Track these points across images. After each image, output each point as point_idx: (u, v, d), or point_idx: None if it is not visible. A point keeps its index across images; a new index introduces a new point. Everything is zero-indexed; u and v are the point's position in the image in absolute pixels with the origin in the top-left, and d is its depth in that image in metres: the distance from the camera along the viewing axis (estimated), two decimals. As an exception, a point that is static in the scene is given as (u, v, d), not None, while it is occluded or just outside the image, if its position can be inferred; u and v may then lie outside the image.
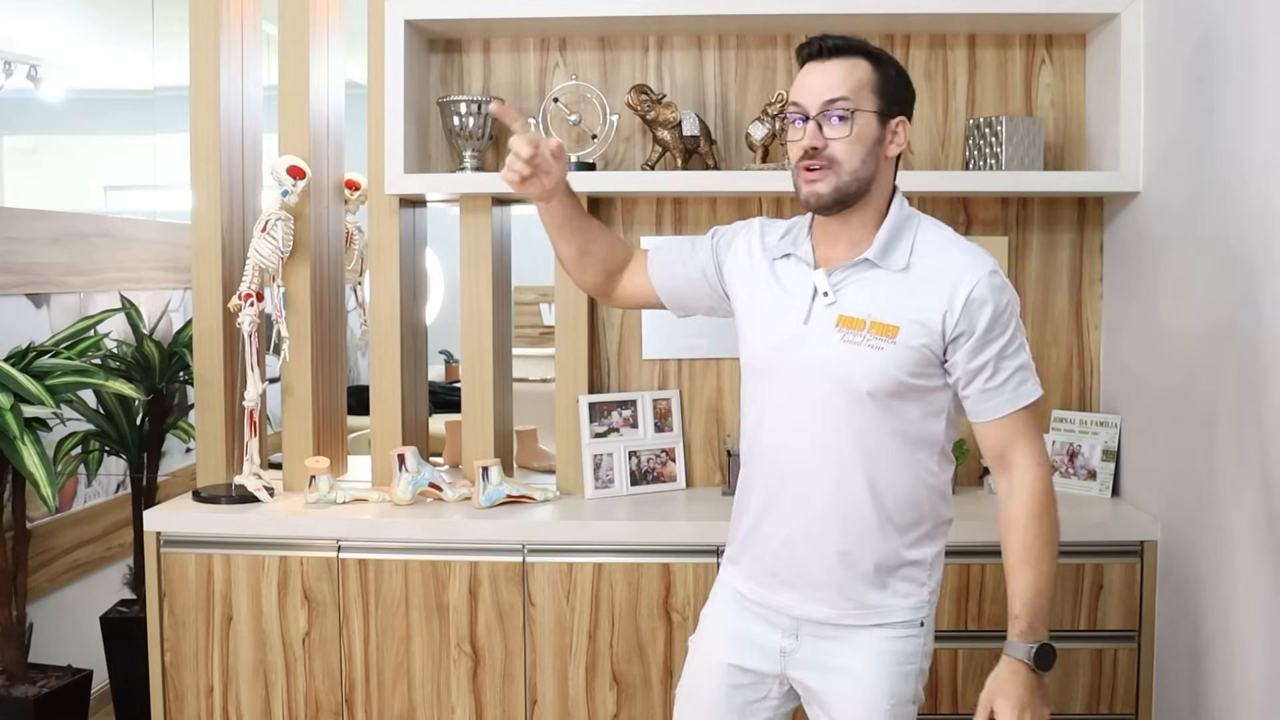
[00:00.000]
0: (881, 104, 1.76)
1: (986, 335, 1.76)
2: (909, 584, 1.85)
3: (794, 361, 1.83)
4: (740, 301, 1.95)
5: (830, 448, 1.81)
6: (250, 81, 3.05)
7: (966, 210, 2.99)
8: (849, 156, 1.75)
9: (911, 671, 1.84)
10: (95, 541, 3.65)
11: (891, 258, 1.80)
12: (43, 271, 3.40)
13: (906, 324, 1.76)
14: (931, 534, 1.88)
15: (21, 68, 3.99)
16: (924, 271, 1.78)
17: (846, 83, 1.74)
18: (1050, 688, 1.86)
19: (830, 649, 1.85)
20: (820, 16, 2.80)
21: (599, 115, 2.92)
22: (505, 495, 2.78)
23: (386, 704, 2.68)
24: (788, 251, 1.90)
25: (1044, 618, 1.79)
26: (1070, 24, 2.86)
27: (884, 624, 1.83)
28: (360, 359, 4.85)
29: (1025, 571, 1.79)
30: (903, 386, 1.77)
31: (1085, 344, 3.01)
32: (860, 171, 1.76)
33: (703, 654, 1.96)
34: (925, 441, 1.83)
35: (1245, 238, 2.20)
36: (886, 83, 1.77)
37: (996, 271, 1.78)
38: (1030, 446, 1.81)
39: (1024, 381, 1.79)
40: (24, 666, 3.04)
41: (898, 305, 1.77)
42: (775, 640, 1.88)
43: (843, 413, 1.79)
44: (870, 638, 1.83)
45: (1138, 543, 2.62)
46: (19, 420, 2.74)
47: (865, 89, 1.75)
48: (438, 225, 3.28)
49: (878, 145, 1.77)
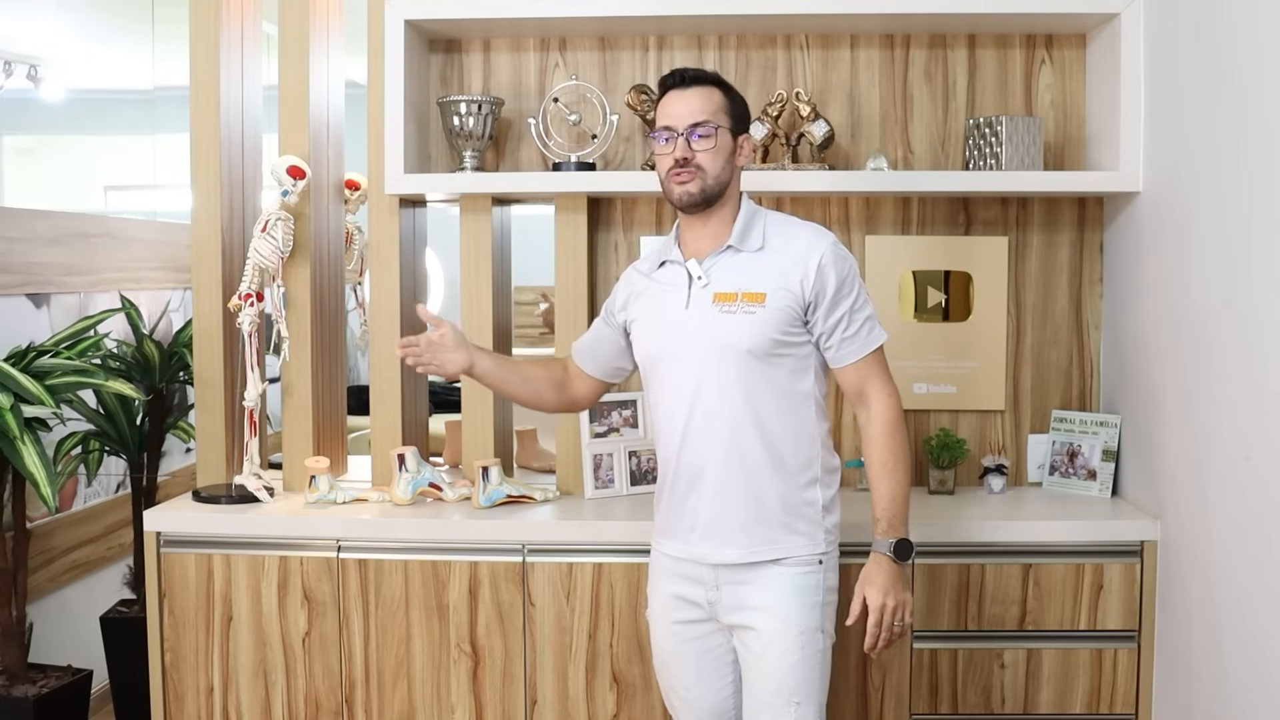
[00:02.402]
0: (732, 123, 2.17)
1: (838, 294, 2.13)
2: (806, 523, 2.16)
3: (681, 339, 2.17)
4: (634, 323, 2.30)
5: (724, 407, 2.13)
6: (250, 81, 3.05)
7: (966, 210, 3.00)
8: (712, 164, 2.14)
9: (815, 603, 2.15)
10: (95, 541, 3.65)
11: (748, 241, 2.18)
12: (43, 271, 3.40)
13: (772, 290, 2.13)
14: (823, 479, 2.19)
15: (21, 68, 3.99)
16: (778, 249, 2.17)
17: (707, 107, 2.14)
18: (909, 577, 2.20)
19: (745, 592, 2.15)
20: (820, 16, 2.80)
21: (599, 115, 2.92)
22: (505, 495, 2.78)
23: (386, 704, 2.68)
24: (663, 260, 2.25)
25: (902, 519, 2.15)
26: (1070, 24, 2.86)
27: (787, 561, 2.14)
28: (360, 359, 4.85)
29: (884, 483, 2.15)
30: (775, 344, 2.12)
31: (1085, 344, 3.01)
32: (720, 176, 2.15)
33: (654, 621, 2.29)
34: (800, 395, 2.16)
35: (1245, 238, 2.20)
36: (734, 106, 2.19)
37: (837, 243, 2.18)
38: (881, 381, 2.19)
39: (872, 329, 2.18)
40: (24, 666, 3.04)
41: (761, 277, 2.14)
42: (701, 594, 2.19)
43: (730, 374, 2.13)
44: (775, 576, 2.14)
45: (1138, 543, 2.62)
46: (19, 420, 2.74)
47: (720, 111, 2.16)
48: (438, 225, 3.28)
49: (732, 156, 2.17)
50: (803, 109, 2.83)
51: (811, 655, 2.12)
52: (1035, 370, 3.01)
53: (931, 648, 2.65)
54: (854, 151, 2.98)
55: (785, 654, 2.11)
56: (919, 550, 2.61)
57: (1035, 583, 2.63)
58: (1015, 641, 2.64)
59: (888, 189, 2.82)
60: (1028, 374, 3.01)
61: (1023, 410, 3.02)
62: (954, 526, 2.64)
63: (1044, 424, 3.00)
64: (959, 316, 3.00)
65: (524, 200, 3.08)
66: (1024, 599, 2.63)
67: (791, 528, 2.14)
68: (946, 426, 2.99)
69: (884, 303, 2.98)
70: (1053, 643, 2.65)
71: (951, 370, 3.00)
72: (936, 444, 2.91)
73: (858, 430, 3.00)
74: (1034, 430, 3.01)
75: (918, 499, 2.87)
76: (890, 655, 2.64)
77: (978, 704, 2.65)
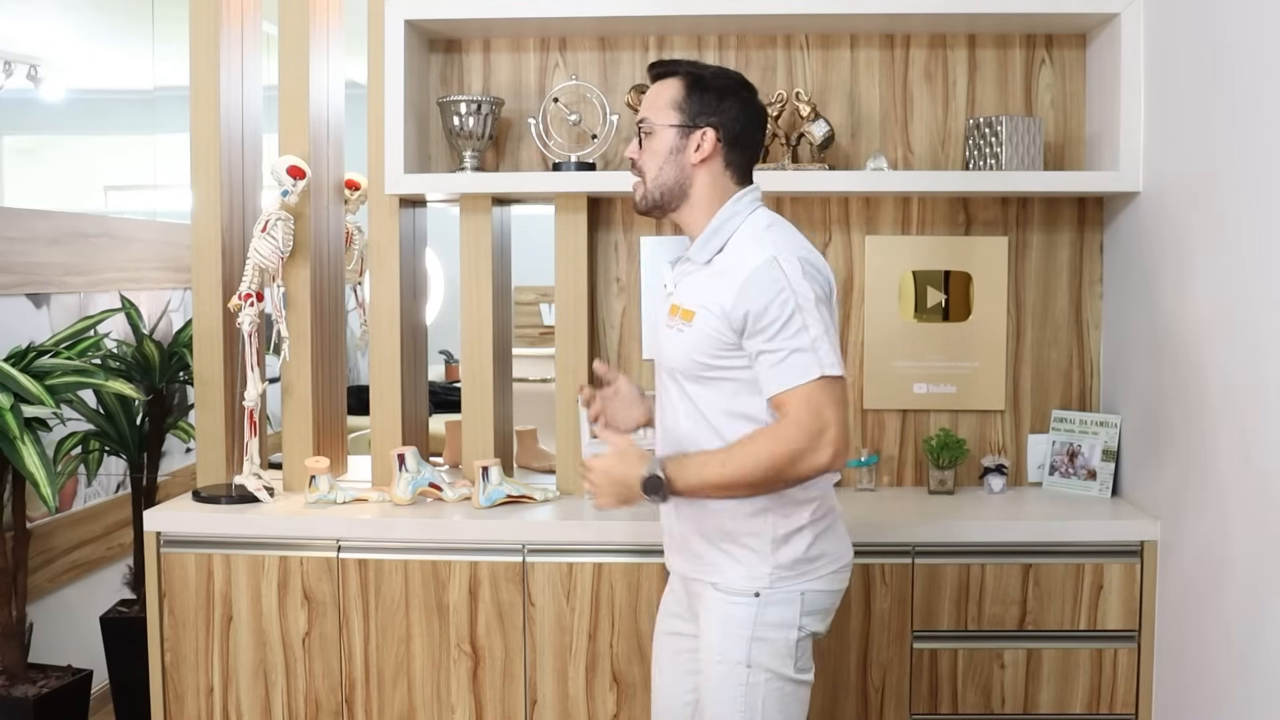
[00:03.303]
0: (685, 117, 1.99)
1: (760, 319, 1.90)
2: (748, 553, 2.00)
3: (656, 350, 2.12)
4: None
5: (675, 422, 2.06)
6: (250, 81, 3.05)
7: (966, 210, 3.00)
8: (649, 165, 2.02)
9: (743, 636, 1.98)
10: (95, 541, 3.65)
11: (703, 252, 2.02)
12: (43, 271, 3.40)
13: (700, 310, 1.96)
14: (776, 510, 1.98)
15: (21, 68, 3.99)
16: (721, 265, 1.98)
17: (655, 103, 2.01)
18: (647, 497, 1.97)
19: (697, 607, 2.08)
20: (820, 16, 2.80)
21: (599, 115, 2.92)
22: (505, 495, 2.78)
23: (386, 704, 2.68)
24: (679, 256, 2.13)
25: (686, 480, 1.93)
26: (1070, 24, 2.86)
27: (721, 587, 2.01)
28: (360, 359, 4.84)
29: (721, 451, 1.94)
30: (701, 366, 1.97)
31: (1085, 344, 3.01)
32: (660, 177, 2.01)
33: (657, 630, 2.25)
34: (750, 419, 1.97)
35: (1245, 238, 2.20)
36: (695, 98, 1.99)
37: (775, 262, 1.91)
38: (800, 416, 1.88)
39: (806, 363, 1.89)
40: (24, 666, 3.04)
41: (699, 295, 1.99)
42: (674, 604, 2.17)
43: (675, 391, 2.05)
44: (710, 600, 2.03)
45: (1138, 543, 2.62)
46: (19, 420, 2.74)
47: (669, 107, 2.00)
48: (438, 225, 3.28)
49: (677, 154, 2.00)
50: (803, 109, 2.83)
51: (733, 688, 1.99)
52: (1035, 370, 3.01)
53: (931, 648, 2.65)
54: (854, 151, 2.98)
55: (708, 679, 2.03)
56: (919, 550, 2.62)
57: (1035, 583, 2.63)
58: (1015, 641, 2.64)
59: (888, 189, 2.82)
60: (1028, 374, 3.01)
61: (1023, 410, 3.02)
62: (954, 526, 2.64)
63: (1044, 424, 3.00)
64: (959, 316, 3.00)
65: (524, 200, 3.07)
66: (1024, 599, 2.63)
67: (729, 554, 2.01)
68: (946, 426, 2.99)
69: (884, 303, 2.99)
70: (1053, 643, 2.65)
71: (951, 370, 3.00)
72: (936, 444, 2.91)
73: (857, 431, 3.01)
74: (1034, 430, 3.01)
75: (918, 499, 2.87)
76: (890, 655, 2.64)
77: (978, 704, 2.65)
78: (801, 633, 2.01)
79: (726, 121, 2.01)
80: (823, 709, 2.64)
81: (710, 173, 2.02)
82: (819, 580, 2.03)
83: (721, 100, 2.01)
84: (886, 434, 3.03)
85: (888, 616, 2.63)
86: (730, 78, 2.05)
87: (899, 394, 3.01)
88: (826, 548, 2.04)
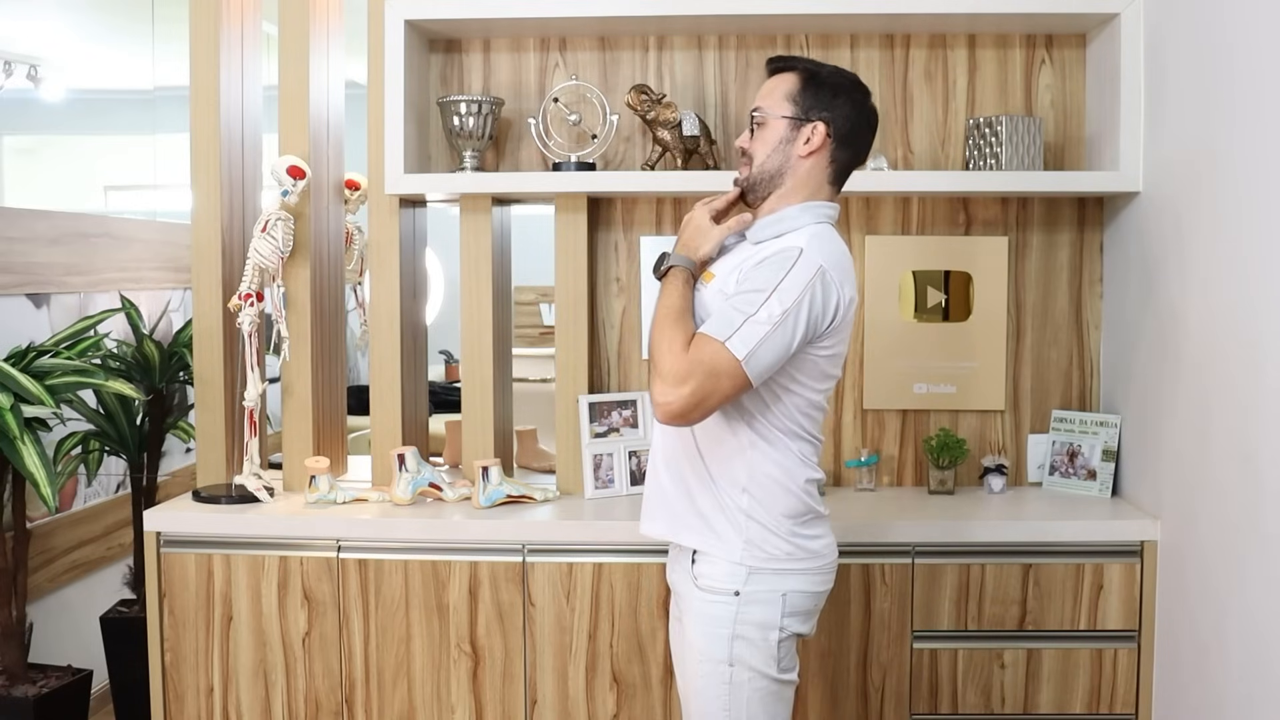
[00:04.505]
0: (798, 110, 2.02)
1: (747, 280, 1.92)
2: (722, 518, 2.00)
3: None
4: None
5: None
6: (250, 81, 3.05)
7: (966, 210, 3.00)
8: (759, 152, 2.04)
9: (724, 635, 2.00)
10: (95, 541, 3.65)
11: (755, 234, 2.04)
12: (43, 271, 3.40)
13: (720, 275, 2.03)
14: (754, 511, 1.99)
15: (21, 68, 3.99)
16: (763, 250, 1.99)
17: (771, 94, 2.05)
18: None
19: (679, 599, 2.11)
20: (820, 16, 2.80)
21: (599, 115, 2.92)
22: (505, 495, 2.78)
23: (386, 704, 2.68)
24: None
25: (665, 286, 2.02)
26: (1070, 24, 2.86)
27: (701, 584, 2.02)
28: (360, 359, 4.84)
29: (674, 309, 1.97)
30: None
31: (1085, 344, 3.01)
32: (766, 164, 2.04)
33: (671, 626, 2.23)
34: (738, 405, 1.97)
35: (1245, 237, 2.20)
36: (809, 92, 2.03)
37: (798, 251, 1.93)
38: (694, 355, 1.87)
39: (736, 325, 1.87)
40: (24, 666, 3.04)
41: (727, 263, 2.04)
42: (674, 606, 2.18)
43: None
44: (693, 599, 2.05)
45: (1138, 543, 2.62)
46: (19, 420, 2.74)
47: (784, 99, 2.03)
48: (438, 225, 3.28)
49: (786, 144, 2.02)
50: (803, 109, 2.83)
51: (717, 686, 2.00)
52: (1035, 370, 3.01)
53: (931, 648, 2.65)
54: (854, 151, 2.98)
55: (692, 680, 2.05)
56: (919, 550, 2.62)
57: (1035, 583, 2.63)
58: (1015, 641, 2.64)
59: (888, 189, 2.82)
60: (1028, 374, 3.01)
61: (1023, 410, 3.02)
62: (954, 526, 2.64)
63: (1044, 424, 3.00)
64: (959, 316, 3.00)
65: (524, 200, 3.07)
66: (1024, 599, 2.63)
67: (706, 520, 2.02)
68: (946, 426, 2.99)
69: (884, 303, 2.99)
70: (1053, 643, 2.65)
71: (951, 370, 3.00)
72: (936, 444, 2.91)
73: (857, 431, 3.01)
74: (1034, 430, 3.01)
75: (918, 499, 2.88)
76: (890, 655, 2.64)
77: (978, 704, 2.65)
78: (784, 634, 2.01)
79: (837, 118, 2.03)
80: (823, 709, 2.64)
81: (813, 167, 2.04)
82: (800, 579, 2.01)
83: (835, 97, 2.03)
84: (886, 434, 3.03)
85: (888, 616, 2.64)
86: (845, 77, 2.07)
87: (899, 394, 3.01)
88: (806, 544, 2.02)
